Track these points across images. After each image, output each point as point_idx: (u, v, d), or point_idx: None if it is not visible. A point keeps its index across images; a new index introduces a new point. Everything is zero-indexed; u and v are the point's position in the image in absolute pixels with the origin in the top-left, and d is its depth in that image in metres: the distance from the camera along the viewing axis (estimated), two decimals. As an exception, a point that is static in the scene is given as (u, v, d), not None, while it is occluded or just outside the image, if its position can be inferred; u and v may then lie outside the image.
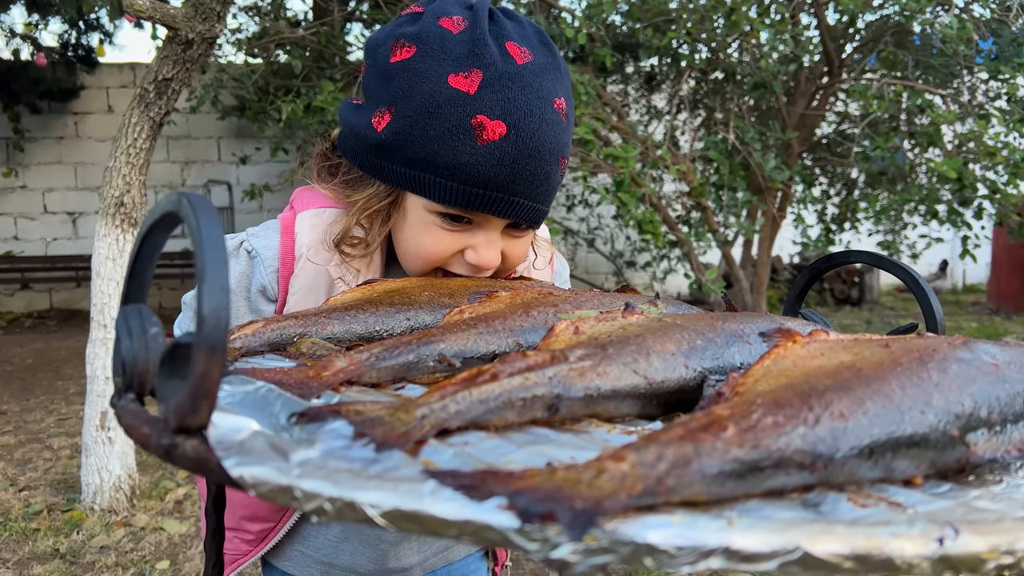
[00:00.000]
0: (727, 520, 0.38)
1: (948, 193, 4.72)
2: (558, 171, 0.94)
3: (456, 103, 0.87)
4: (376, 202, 0.96)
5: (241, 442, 0.45)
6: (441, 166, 0.89)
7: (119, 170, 3.13)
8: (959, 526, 0.39)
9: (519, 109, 0.88)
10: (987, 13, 4.32)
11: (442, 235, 0.94)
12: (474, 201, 0.90)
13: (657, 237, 3.87)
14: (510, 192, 0.90)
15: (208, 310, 0.42)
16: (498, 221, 0.94)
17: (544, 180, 0.92)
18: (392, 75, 0.92)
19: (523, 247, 1.00)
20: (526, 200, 0.92)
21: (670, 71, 5.96)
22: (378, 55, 0.95)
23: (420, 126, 0.89)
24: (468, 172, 0.88)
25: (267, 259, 0.97)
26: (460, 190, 0.89)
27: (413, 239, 0.96)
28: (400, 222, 0.97)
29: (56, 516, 3.24)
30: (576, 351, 0.58)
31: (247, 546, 1.07)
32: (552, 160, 0.91)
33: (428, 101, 0.88)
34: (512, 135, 0.87)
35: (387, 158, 0.93)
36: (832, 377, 0.49)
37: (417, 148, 0.90)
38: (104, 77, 8.49)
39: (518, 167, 0.89)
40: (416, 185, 0.92)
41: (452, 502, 0.38)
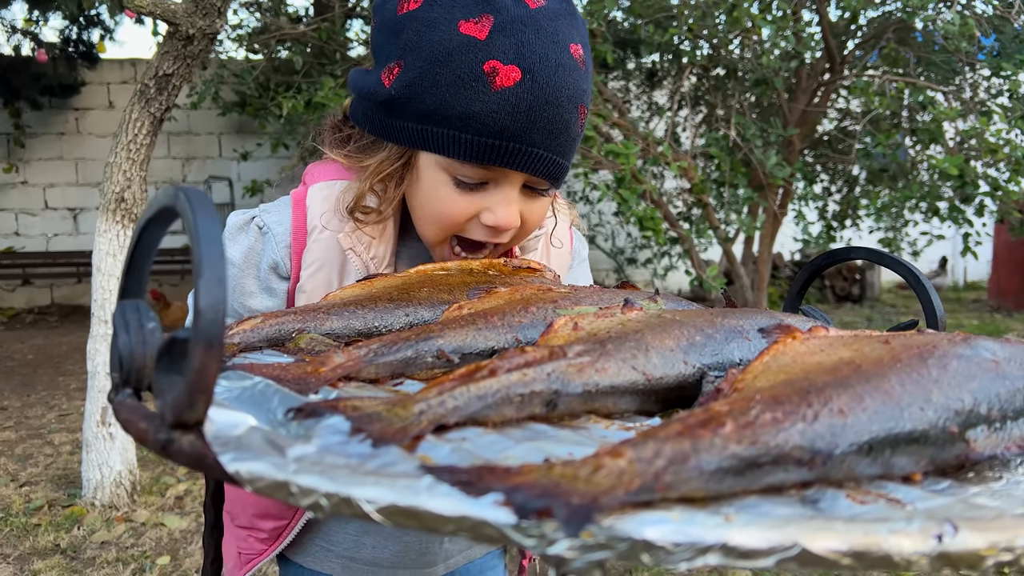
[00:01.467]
0: (725, 516, 0.38)
1: (949, 190, 4.71)
2: (578, 120, 0.88)
3: (467, 49, 0.83)
4: (388, 165, 0.92)
5: (238, 437, 0.44)
6: (454, 117, 0.85)
7: (120, 166, 3.13)
8: (958, 523, 0.38)
9: (533, 53, 0.83)
10: (989, 10, 4.31)
11: (457, 197, 0.90)
12: (490, 153, 0.85)
13: (658, 234, 3.87)
14: (528, 143, 0.85)
15: (205, 304, 0.42)
16: (516, 177, 0.89)
17: (563, 129, 0.87)
18: (400, 27, 0.88)
19: (541, 209, 0.95)
20: (545, 151, 0.87)
21: (671, 67, 5.95)
22: (385, 11, 0.92)
23: (430, 76, 0.85)
24: (482, 121, 0.84)
25: (279, 234, 0.95)
26: (474, 142, 0.85)
27: (428, 203, 0.92)
28: (414, 187, 0.93)
29: (57, 511, 3.24)
30: (575, 347, 0.57)
31: (262, 544, 1.04)
32: (571, 107, 0.86)
33: (438, 49, 0.84)
34: (527, 80, 0.83)
35: (398, 115, 0.90)
36: (831, 373, 0.49)
37: (428, 100, 0.86)
38: (105, 73, 8.48)
39: (535, 114, 0.84)
40: (428, 141, 0.88)
41: (449, 498, 0.38)
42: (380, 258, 0.95)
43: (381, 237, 0.95)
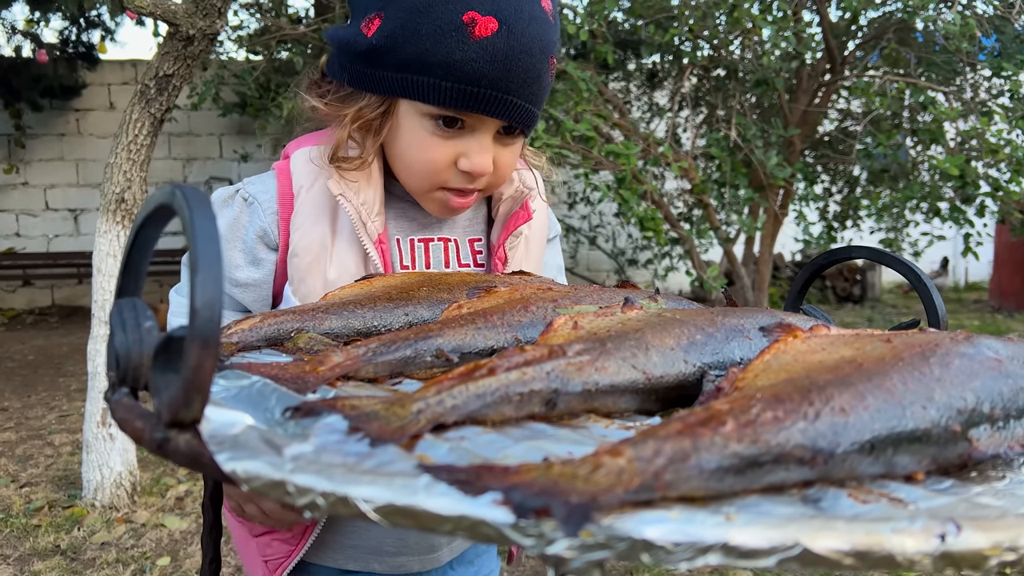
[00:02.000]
0: (725, 516, 0.38)
1: (950, 190, 4.71)
2: (548, 71, 0.94)
3: (447, 1, 0.87)
4: (368, 112, 0.96)
5: (234, 436, 0.44)
6: (434, 65, 0.88)
7: (120, 166, 3.13)
8: (961, 522, 0.38)
9: (509, 5, 0.88)
10: (990, 10, 4.31)
11: (435, 143, 0.94)
12: (469, 100, 0.89)
13: (659, 234, 3.86)
14: (504, 90, 0.90)
15: (201, 302, 0.41)
16: (491, 124, 0.94)
17: (536, 78, 0.92)
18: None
19: (513, 155, 1.01)
20: (519, 99, 0.91)
21: (672, 68, 5.95)
22: None
23: (412, 26, 0.89)
24: (462, 69, 0.88)
25: (265, 203, 0.98)
26: (455, 89, 0.89)
27: (407, 151, 0.96)
28: (393, 136, 0.97)
29: (57, 512, 3.24)
30: (574, 346, 0.57)
31: (287, 545, 1.03)
32: (543, 58, 0.92)
33: (419, 1, 0.88)
34: (504, 30, 0.88)
35: (378, 64, 0.93)
36: (833, 372, 0.48)
37: (409, 49, 0.89)
38: (105, 74, 8.48)
39: (511, 63, 0.89)
40: (409, 88, 0.91)
41: (447, 497, 0.37)
42: (370, 203, 0.98)
43: (368, 182, 0.98)
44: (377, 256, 0.98)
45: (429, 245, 1.06)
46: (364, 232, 0.97)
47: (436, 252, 1.06)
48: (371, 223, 0.98)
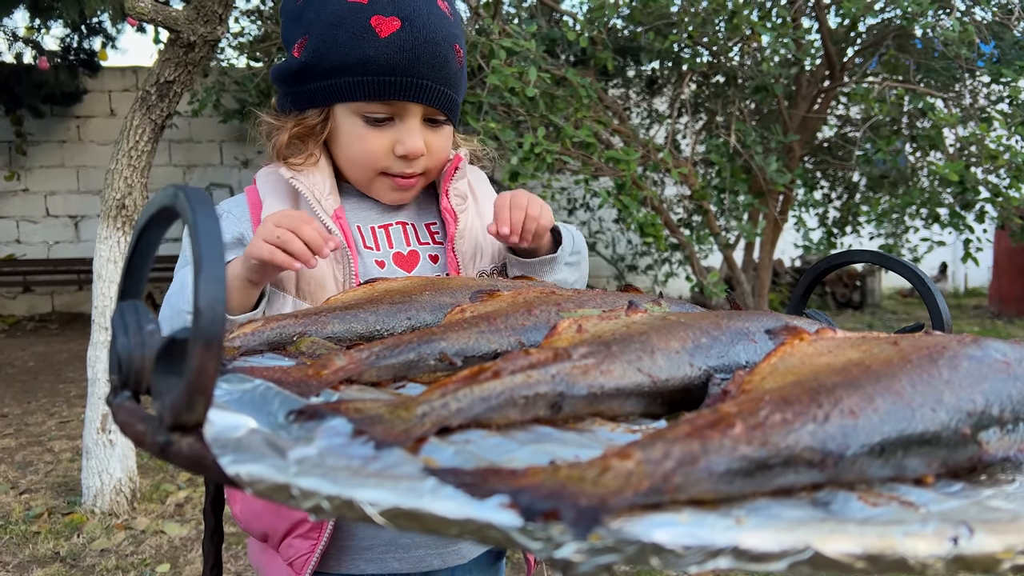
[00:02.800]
0: (735, 519, 0.37)
1: (950, 196, 4.70)
2: (455, 57, 1.09)
3: (355, 12, 1.03)
4: (311, 120, 1.10)
5: (238, 439, 0.44)
6: (354, 65, 1.04)
7: (120, 172, 3.12)
8: (973, 525, 0.38)
9: (407, 6, 1.04)
10: (988, 16, 4.32)
11: (371, 135, 1.08)
12: (388, 88, 1.04)
13: (659, 240, 3.86)
14: (417, 75, 1.04)
15: (204, 303, 0.41)
16: (415, 110, 1.07)
17: (443, 63, 1.07)
18: (300, 12, 1.08)
19: (444, 139, 1.13)
20: (432, 82, 1.06)
21: (671, 74, 5.95)
22: (287, 9, 1.12)
23: (330, 38, 1.04)
24: (377, 63, 1.03)
25: (239, 214, 1.11)
26: (375, 81, 1.04)
27: (348, 147, 1.10)
28: (335, 139, 1.11)
29: (56, 519, 3.22)
30: (579, 349, 0.57)
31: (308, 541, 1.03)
32: (446, 46, 1.07)
33: (333, 17, 1.04)
34: (407, 26, 1.03)
35: (309, 78, 1.07)
36: (841, 374, 0.48)
37: (331, 57, 1.05)
38: (106, 81, 8.49)
39: (418, 51, 1.04)
40: (338, 91, 1.06)
41: (453, 500, 0.37)
42: (321, 184, 1.10)
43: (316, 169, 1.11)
44: (336, 228, 1.07)
45: (388, 229, 1.16)
46: (320, 207, 1.07)
47: (396, 233, 1.16)
48: (325, 200, 1.09)
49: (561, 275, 1.12)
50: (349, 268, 1.06)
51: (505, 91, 3.51)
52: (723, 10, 4.18)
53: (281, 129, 1.11)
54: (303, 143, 1.11)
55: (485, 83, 3.60)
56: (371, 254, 1.12)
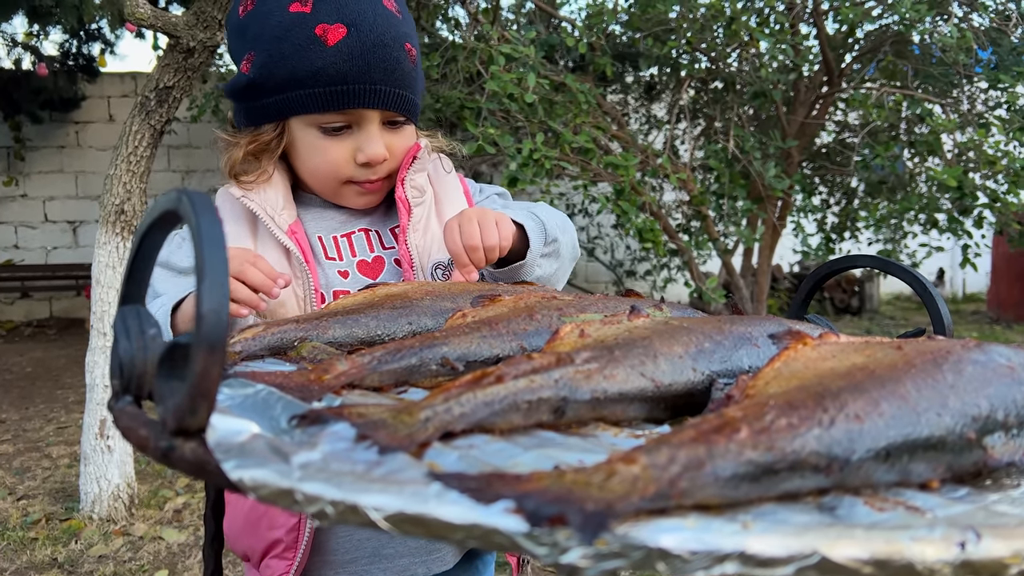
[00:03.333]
0: (742, 524, 0.37)
1: (948, 202, 4.71)
2: (407, 57, 1.06)
3: (299, 23, 1.00)
4: (265, 137, 1.07)
5: (241, 444, 0.43)
6: (303, 78, 1.01)
7: (119, 178, 3.12)
8: (981, 531, 0.37)
9: (351, 11, 1.01)
10: (986, 22, 4.33)
11: (330, 146, 1.05)
12: (341, 98, 1.01)
13: (657, 246, 3.86)
14: (369, 81, 1.01)
15: (207, 308, 0.41)
16: (371, 116, 1.05)
17: (395, 65, 1.03)
18: (244, 27, 1.06)
19: (405, 140, 1.10)
20: (385, 86, 1.03)
21: (670, 80, 5.97)
22: (231, 24, 1.09)
23: (277, 51, 1.01)
24: (327, 73, 1.00)
25: None
26: (326, 92, 1.01)
27: (309, 160, 1.08)
28: (294, 153, 1.09)
29: (54, 525, 3.21)
30: (582, 353, 0.56)
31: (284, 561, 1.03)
32: (397, 47, 1.04)
33: (277, 30, 1.01)
34: (353, 31, 1.00)
35: (260, 94, 1.05)
36: (845, 378, 0.48)
37: (279, 72, 1.02)
38: (105, 86, 8.50)
39: (368, 56, 1.01)
40: (291, 105, 1.03)
41: (458, 505, 0.37)
42: (273, 200, 1.08)
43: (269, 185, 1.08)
44: (292, 244, 1.05)
45: (351, 237, 1.13)
46: (274, 224, 1.05)
47: (359, 241, 1.13)
48: (278, 216, 1.07)
49: (539, 272, 1.08)
50: (309, 283, 1.04)
51: (504, 97, 3.51)
52: (721, 16, 4.19)
53: (236, 146, 1.09)
54: (258, 159, 1.09)
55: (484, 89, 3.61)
56: (333, 265, 1.10)
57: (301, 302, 1.03)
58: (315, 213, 1.13)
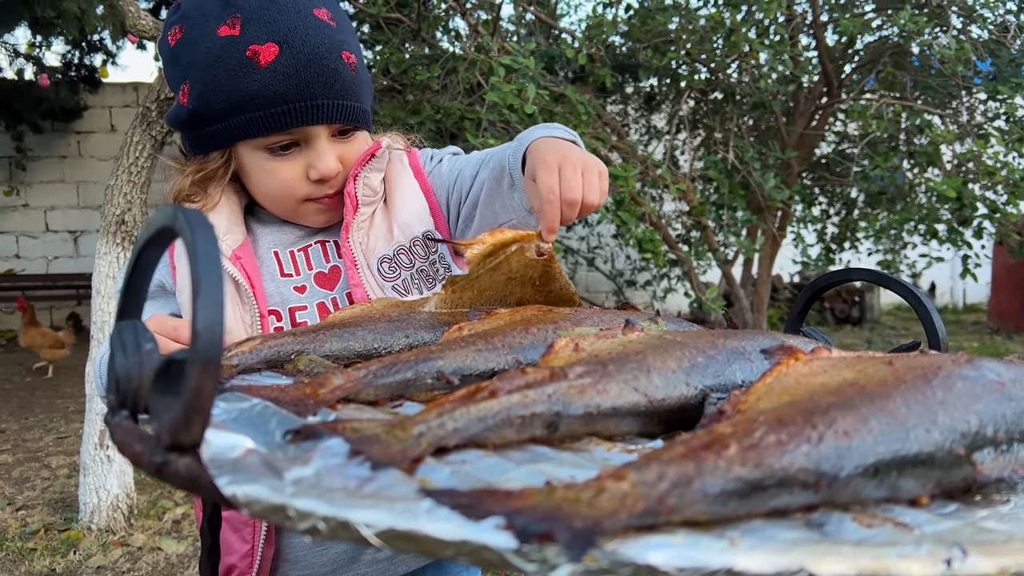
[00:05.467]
0: (730, 540, 0.37)
1: (947, 212, 4.71)
2: (346, 66, 1.02)
3: (229, 46, 0.97)
4: (212, 164, 1.05)
5: (235, 460, 0.44)
6: (241, 104, 0.98)
7: (120, 188, 3.13)
8: (967, 547, 0.38)
9: (282, 26, 0.98)
10: (985, 34, 4.34)
11: (280, 167, 1.03)
12: (283, 119, 0.98)
13: (657, 256, 3.87)
14: (309, 98, 0.98)
15: (202, 324, 0.41)
16: (318, 131, 1.02)
17: (334, 76, 1.00)
18: (176, 56, 1.03)
19: (357, 147, 1.08)
20: (326, 99, 1.00)
21: (670, 91, 5.98)
22: (163, 47, 1.06)
23: (211, 79, 0.98)
24: (264, 96, 0.97)
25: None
26: (267, 115, 0.98)
27: (261, 184, 1.06)
28: (245, 177, 1.07)
29: (53, 535, 3.21)
30: (576, 368, 0.57)
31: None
32: (333, 58, 1.00)
33: (208, 56, 0.98)
34: (286, 49, 0.97)
35: (201, 123, 1.02)
36: (835, 394, 0.48)
37: (216, 99, 0.99)
38: (107, 96, 8.52)
39: (304, 72, 0.98)
40: (233, 132, 1.00)
41: (448, 521, 0.37)
42: (217, 226, 1.04)
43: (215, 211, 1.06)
44: (235, 271, 1.02)
45: (308, 251, 1.11)
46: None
47: (315, 254, 1.11)
48: (221, 241, 1.03)
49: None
50: (254, 309, 1.03)
51: (504, 108, 3.53)
52: (721, 27, 4.21)
53: (182, 173, 1.07)
54: (205, 186, 1.07)
55: (484, 100, 3.62)
56: (290, 281, 1.09)
57: (248, 328, 1.02)
58: (272, 228, 1.12)
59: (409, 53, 4.46)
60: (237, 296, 1.03)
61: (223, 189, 1.07)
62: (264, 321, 1.03)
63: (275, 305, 1.06)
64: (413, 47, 4.50)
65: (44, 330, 6.42)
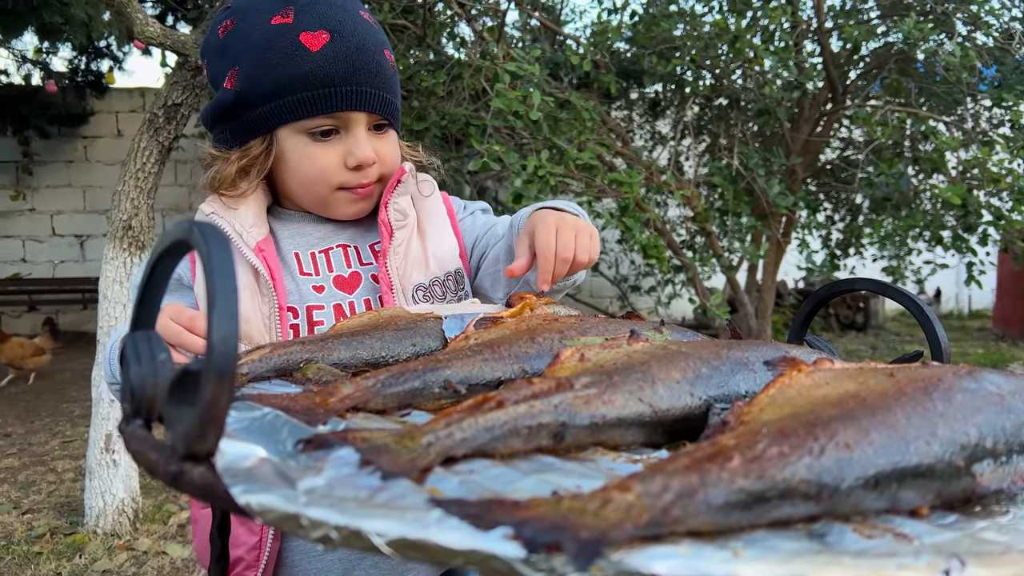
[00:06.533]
0: (733, 551, 0.38)
1: (952, 219, 4.72)
2: (387, 62, 1.10)
3: (282, 33, 1.03)
4: (254, 151, 1.08)
5: (248, 469, 0.45)
6: (291, 84, 1.03)
7: (127, 194, 3.15)
8: (965, 558, 0.38)
9: (333, 18, 1.04)
10: (990, 41, 4.35)
11: (320, 151, 1.07)
12: (330, 101, 1.04)
13: (662, 262, 3.87)
14: (355, 83, 1.04)
15: (217, 337, 0.42)
16: (359, 120, 1.07)
17: (378, 68, 1.07)
18: (225, 45, 1.07)
19: (391, 146, 1.13)
20: (372, 88, 1.06)
21: (674, 97, 6.00)
22: (210, 47, 1.10)
23: (263, 62, 1.03)
24: (315, 76, 1.03)
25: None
26: (314, 96, 1.03)
27: (299, 169, 1.08)
28: (282, 164, 1.09)
29: (59, 539, 3.22)
30: (581, 379, 0.58)
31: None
32: (378, 52, 1.08)
33: (261, 42, 1.03)
34: (336, 37, 1.04)
35: (248, 107, 1.06)
36: (837, 407, 0.49)
37: (267, 81, 1.03)
38: (114, 101, 8.57)
39: (352, 59, 1.04)
40: (280, 113, 1.05)
41: (458, 531, 0.38)
42: (243, 217, 1.08)
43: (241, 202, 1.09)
44: (258, 262, 1.05)
45: (329, 253, 1.14)
46: (241, 242, 1.06)
47: (336, 257, 1.14)
48: (246, 233, 1.07)
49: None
50: (274, 301, 1.04)
51: (509, 114, 3.54)
52: (726, 34, 4.22)
53: (227, 162, 1.09)
54: (247, 174, 1.09)
55: (489, 106, 3.64)
56: (308, 280, 1.10)
57: (266, 320, 1.04)
58: (293, 229, 1.14)
59: (415, 59, 4.48)
60: (256, 287, 1.05)
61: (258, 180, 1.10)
62: (282, 314, 1.05)
63: (293, 302, 1.08)
64: (419, 53, 4.52)
65: (21, 340, 6.25)
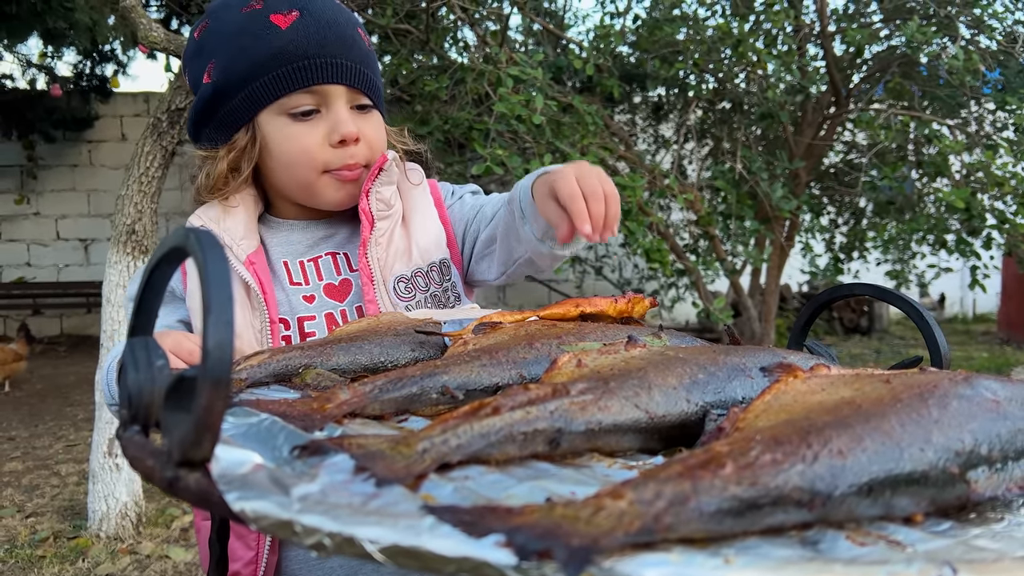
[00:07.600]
0: (724, 558, 0.38)
1: (956, 223, 4.71)
2: (362, 39, 1.10)
3: (252, 18, 1.05)
4: (240, 142, 1.08)
5: (243, 476, 0.45)
6: (264, 62, 1.03)
7: (131, 198, 3.16)
8: (957, 565, 0.38)
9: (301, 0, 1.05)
10: (993, 44, 4.34)
11: (302, 131, 1.06)
12: (305, 74, 1.04)
13: (665, 265, 3.87)
14: (329, 55, 1.05)
15: (213, 343, 0.42)
16: (338, 96, 1.06)
17: (351, 42, 1.08)
18: (201, 45, 1.09)
19: (375, 125, 1.12)
20: (347, 61, 1.06)
21: (677, 101, 6.00)
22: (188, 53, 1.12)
23: (235, 48, 1.05)
24: (287, 52, 1.03)
25: None
26: (289, 71, 1.04)
27: (283, 151, 1.07)
28: (266, 150, 1.09)
29: (62, 543, 3.23)
30: (578, 384, 0.58)
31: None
32: (350, 27, 1.08)
33: (232, 30, 1.05)
34: (306, 14, 1.05)
35: (226, 97, 1.07)
36: (832, 413, 0.49)
37: (241, 65, 1.04)
38: (118, 106, 8.59)
39: (323, 32, 1.05)
40: (258, 96, 1.05)
41: (450, 539, 0.38)
42: (233, 229, 1.08)
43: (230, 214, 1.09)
44: (249, 276, 1.05)
45: (318, 261, 1.13)
46: (232, 255, 1.05)
47: (326, 265, 1.13)
48: (236, 246, 1.07)
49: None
50: (264, 316, 1.04)
51: (512, 118, 3.54)
52: (729, 38, 4.22)
53: (217, 159, 1.09)
54: (237, 171, 1.09)
55: (492, 110, 3.64)
56: (299, 290, 1.10)
57: (258, 333, 1.03)
58: (282, 237, 1.14)
59: (418, 64, 4.49)
60: (247, 302, 1.04)
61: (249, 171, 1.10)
62: (273, 327, 1.04)
63: (284, 313, 1.07)
64: (422, 58, 4.53)
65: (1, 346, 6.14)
